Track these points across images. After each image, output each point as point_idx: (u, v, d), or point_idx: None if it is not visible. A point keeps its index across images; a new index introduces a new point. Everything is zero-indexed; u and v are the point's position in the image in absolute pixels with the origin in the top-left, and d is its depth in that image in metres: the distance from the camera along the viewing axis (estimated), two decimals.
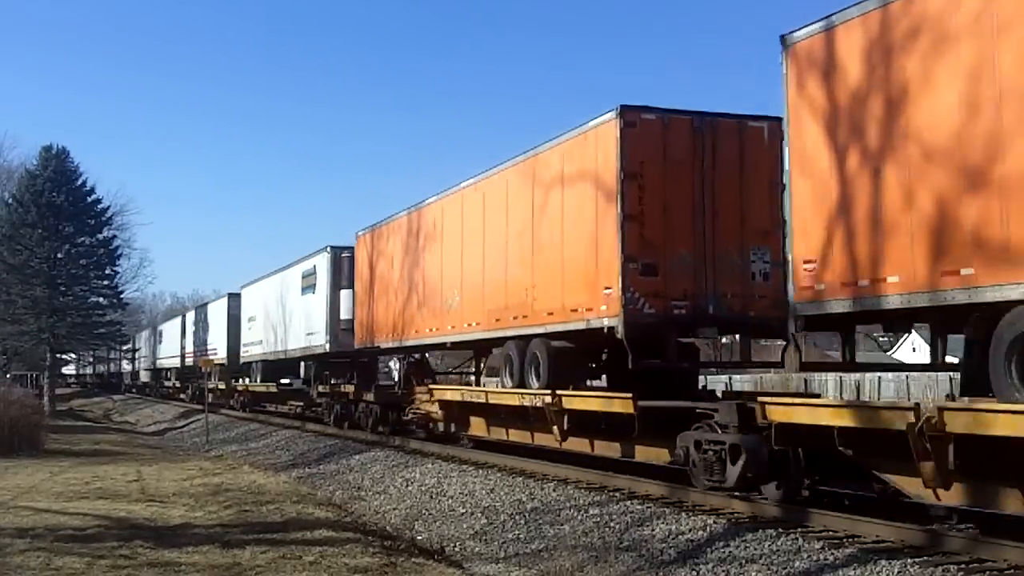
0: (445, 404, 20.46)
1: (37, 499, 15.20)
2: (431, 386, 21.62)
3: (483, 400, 18.27)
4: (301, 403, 33.56)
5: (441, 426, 21.24)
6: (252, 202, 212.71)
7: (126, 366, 76.94)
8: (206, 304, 51.98)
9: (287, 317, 33.00)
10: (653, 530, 11.52)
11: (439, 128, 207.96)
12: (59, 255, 48.71)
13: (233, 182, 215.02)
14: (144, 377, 69.81)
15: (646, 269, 13.81)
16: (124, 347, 70.40)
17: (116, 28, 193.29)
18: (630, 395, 13.39)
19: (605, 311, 14.10)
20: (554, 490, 14.50)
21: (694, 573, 9.92)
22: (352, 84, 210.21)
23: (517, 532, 12.88)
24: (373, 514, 15.88)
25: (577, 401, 15.13)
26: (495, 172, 18.32)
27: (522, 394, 16.37)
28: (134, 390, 72.78)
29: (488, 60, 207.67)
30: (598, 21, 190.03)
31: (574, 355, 15.95)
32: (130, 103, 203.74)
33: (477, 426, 19.76)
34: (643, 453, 14.53)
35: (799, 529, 10.55)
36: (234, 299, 42.36)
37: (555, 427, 15.51)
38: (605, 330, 14.04)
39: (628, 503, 12.96)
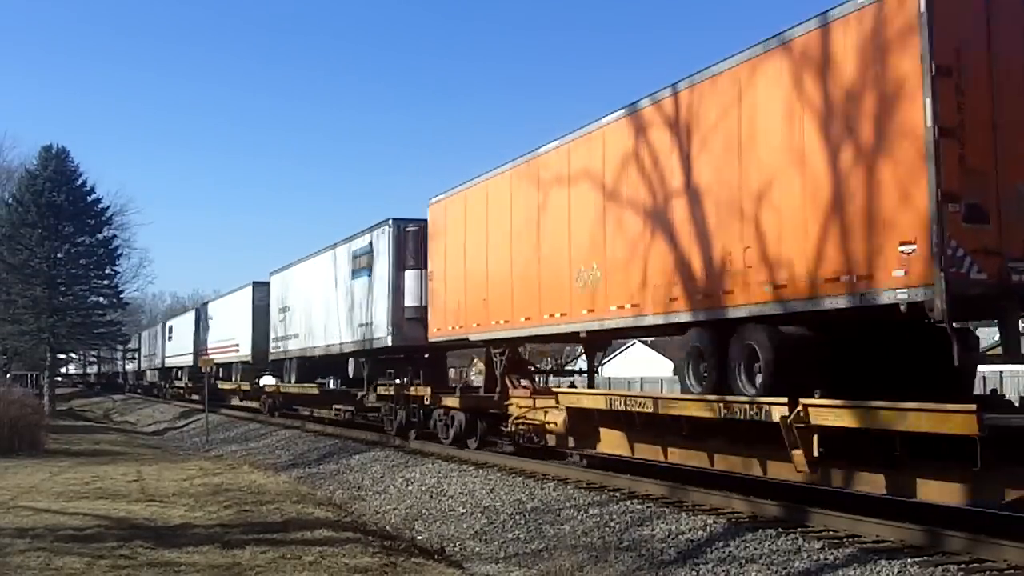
0: (576, 413, 15.79)
1: (37, 499, 15.19)
2: (556, 390, 16.96)
3: (650, 409, 13.38)
4: (351, 408, 27.69)
5: (553, 440, 16.84)
6: (252, 202, 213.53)
7: (129, 366, 76.30)
8: (223, 296, 47.06)
9: (332, 306, 28.14)
10: (653, 530, 11.53)
11: (439, 126, 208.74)
12: (59, 255, 48.66)
13: (233, 181, 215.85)
14: (151, 377, 66.60)
15: (972, 213, 9.06)
16: (126, 347, 69.78)
17: (116, 28, 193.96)
18: (972, 407, 8.85)
19: (902, 279, 9.35)
20: (554, 490, 14.51)
21: (694, 573, 9.94)
22: (352, 83, 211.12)
23: (517, 532, 12.90)
24: (373, 514, 15.89)
25: (850, 415, 10.02)
26: (687, 87, 12.71)
27: (727, 402, 11.61)
28: (139, 391, 71.52)
29: (488, 58, 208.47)
30: (599, 18, 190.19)
31: (815, 347, 11.16)
32: (130, 103, 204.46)
33: (612, 442, 15.23)
34: (949, 493, 9.79)
35: (799, 529, 10.56)
36: (260, 288, 37.58)
37: (797, 452, 10.64)
38: (902, 308, 9.37)
39: (628, 503, 12.97)
